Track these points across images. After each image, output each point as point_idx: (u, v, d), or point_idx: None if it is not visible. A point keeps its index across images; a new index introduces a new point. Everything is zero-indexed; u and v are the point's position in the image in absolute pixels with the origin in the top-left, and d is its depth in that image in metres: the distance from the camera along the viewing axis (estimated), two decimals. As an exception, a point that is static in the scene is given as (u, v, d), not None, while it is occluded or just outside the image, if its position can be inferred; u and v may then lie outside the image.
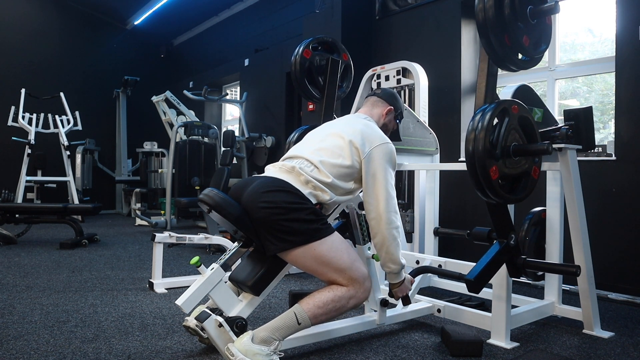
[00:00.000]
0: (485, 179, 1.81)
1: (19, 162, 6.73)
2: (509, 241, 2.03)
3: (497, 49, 1.90)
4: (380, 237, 1.89)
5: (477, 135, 1.80)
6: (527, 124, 1.96)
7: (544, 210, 2.58)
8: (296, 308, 1.77)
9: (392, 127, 2.25)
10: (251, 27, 7.51)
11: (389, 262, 1.93)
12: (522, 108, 1.94)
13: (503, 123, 1.87)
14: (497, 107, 1.86)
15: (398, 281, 2.00)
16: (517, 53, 1.97)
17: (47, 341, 2.10)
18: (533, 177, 1.99)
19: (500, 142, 1.84)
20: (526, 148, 1.92)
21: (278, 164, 2.01)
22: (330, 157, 1.92)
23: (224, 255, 1.95)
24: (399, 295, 2.04)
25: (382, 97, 2.22)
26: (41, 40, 8.37)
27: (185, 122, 6.50)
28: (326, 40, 3.14)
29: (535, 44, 2.02)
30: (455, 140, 4.10)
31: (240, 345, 1.66)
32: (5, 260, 4.01)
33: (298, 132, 3.00)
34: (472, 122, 1.84)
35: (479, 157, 1.79)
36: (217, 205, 1.81)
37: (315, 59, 3.05)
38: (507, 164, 1.88)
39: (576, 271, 2.02)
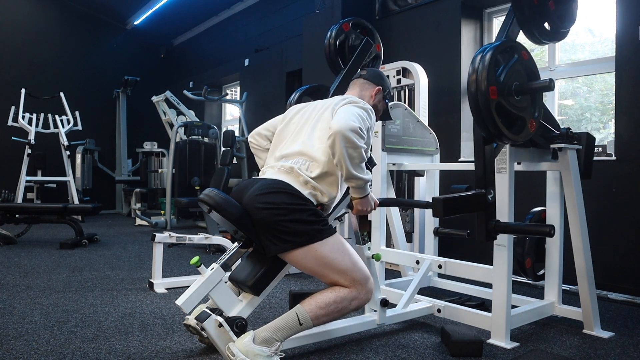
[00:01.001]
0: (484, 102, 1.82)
1: (19, 162, 6.73)
2: (487, 193, 2.02)
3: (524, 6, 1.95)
4: (338, 156, 1.79)
5: (484, 55, 1.84)
6: (532, 74, 1.98)
7: (544, 210, 2.58)
8: (298, 309, 1.77)
9: (382, 107, 2.25)
10: (251, 27, 7.51)
11: (350, 178, 1.84)
12: (530, 58, 1.98)
13: (510, 60, 1.90)
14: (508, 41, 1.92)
15: (360, 195, 1.93)
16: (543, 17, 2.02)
17: (47, 341, 2.10)
18: (529, 127, 1.99)
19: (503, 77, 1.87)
20: (528, 85, 1.93)
21: (277, 164, 1.99)
22: (321, 142, 1.92)
23: (224, 255, 1.95)
24: (359, 208, 1.96)
25: (369, 79, 2.21)
26: (41, 40, 8.37)
27: (185, 122, 6.50)
28: (366, 25, 3.18)
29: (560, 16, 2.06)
30: (455, 140, 4.10)
31: (241, 345, 1.66)
32: (5, 260, 4.01)
33: (298, 92, 3.02)
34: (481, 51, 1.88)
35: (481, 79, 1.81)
36: (218, 205, 1.82)
37: (351, 35, 3.08)
38: (507, 101, 1.90)
39: (550, 231, 1.95)
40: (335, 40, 3.04)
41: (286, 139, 2.08)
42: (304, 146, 1.95)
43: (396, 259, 3.03)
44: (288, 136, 2.08)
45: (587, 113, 3.83)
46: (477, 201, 2.00)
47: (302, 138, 2.00)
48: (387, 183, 3.04)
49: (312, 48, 5.04)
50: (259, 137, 2.26)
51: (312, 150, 1.92)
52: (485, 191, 2.01)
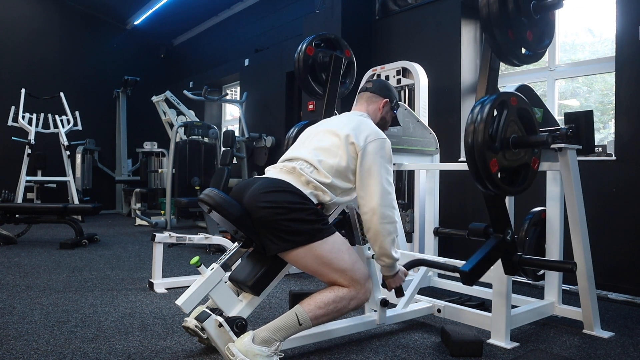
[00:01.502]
0: (485, 171, 1.81)
1: (19, 162, 6.73)
2: (505, 236, 2.03)
3: (500, 43, 1.90)
4: (373, 232, 1.87)
5: (476, 127, 1.80)
6: (526, 116, 1.96)
7: (544, 210, 2.58)
8: (297, 309, 1.77)
9: (390, 118, 2.25)
10: (251, 27, 7.51)
11: (382, 256, 1.91)
12: (520, 100, 1.94)
13: (502, 115, 1.87)
14: (496, 99, 1.86)
15: (391, 274, 1.99)
16: (521, 48, 1.98)
17: (47, 341, 2.10)
18: (533, 168, 1.98)
19: (499, 134, 1.84)
20: (525, 140, 1.91)
21: (278, 165, 2.01)
22: (328, 157, 1.92)
23: (224, 255, 1.95)
24: (392, 286, 2.03)
25: (375, 91, 2.20)
26: (41, 40, 8.37)
27: (185, 122, 6.50)
28: (329, 37, 3.14)
29: (539, 39, 2.02)
30: (455, 140, 4.10)
31: (241, 345, 1.66)
32: (5, 260, 4.01)
33: (297, 127, 3.00)
34: (471, 114, 1.84)
35: (478, 149, 1.79)
36: (218, 205, 1.81)
37: (318, 56, 3.05)
38: (506, 156, 1.88)
39: (572, 267, 1.99)
40: (304, 65, 3.01)
41: (292, 147, 2.11)
42: (310, 155, 1.95)
43: (396, 259, 3.02)
44: (294, 145, 2.11)
45: (587, 113, 3.83)
46: (499, 250, 2.03)
47: (309, 147, 2.01)
48: (387, 183, 3.03)
49: (312, 48, 5.04)
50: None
51: (316, 162, 1.92)
52: (503, 235, 2.03)
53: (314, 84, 3.09)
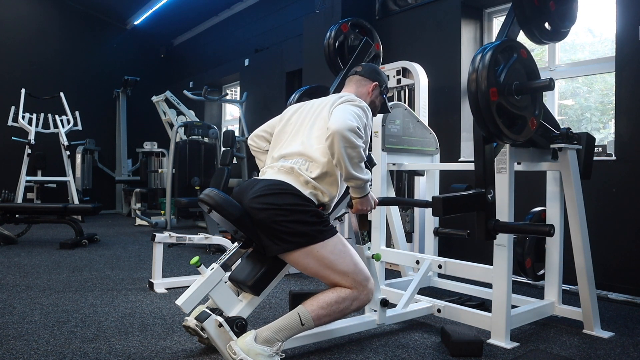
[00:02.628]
0: (485, 102, 1.82)
1: (19, 162, 6.73)
2: (487, 193, 2.02)
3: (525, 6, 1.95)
4: (336, 157, 1.79)
5: (484, 54, 1.84)
6: (532, 73, 1.98)
7: (544, 210, 2.58)
8: (300, 309, 1.77)
9: (379, 103, 2.24)
10: (251, 27, 7.51)
11: (349, 179, 1.84)
12: (530, 56, 1.98)
13: (509, 60, 1.90)
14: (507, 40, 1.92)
15: (360, 195, 1.93)
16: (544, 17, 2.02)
17: (47, 341, 2.10)
18: (530, 126, 1.99)
19: (503, 77, 1.87)
20: (528, 85, 1.93)
21: (276, 165, 1.99)
22: (320, 142, 1.92)
23: (224, 255, 1.95)
24: (358, 207, 1.96)
25: (365, 75, 2.20)
26: (41, 40, 8.37)
27: (185, 122, 6.50)
28: (365, 25, 3.19)
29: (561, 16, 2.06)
30: (455, 140, 4.10)
31: (243, 344, 1.66)
32: (5, 260, 4.01)
33: (298, 93, 3.02)
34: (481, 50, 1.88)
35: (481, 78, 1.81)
36: (218, 205, 1.81)
37: (350, 36, 3.09)
38: (508, 100, 1.90)
39: (549, 230, 1.94)
40: (334, 41, 3.05)
41: (284, 139, 2.07)
42: (303, 146, 1.95)
43: (396, 259, 3.03)
44: (286, 136, 2.08)
45: (587, 113, 3.83)
46: (476, 201, 2.00)
47: (300, 138, 2.00)
48: (387, 183, 3.04)
49: (312, 48, 5.04)
50: (258, 139, 2.26)
51: (311, 151, 1.92)
52: (485, 191, 2.01)
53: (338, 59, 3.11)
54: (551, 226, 1.94)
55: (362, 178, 1.85)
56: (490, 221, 2.03)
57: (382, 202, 2.38)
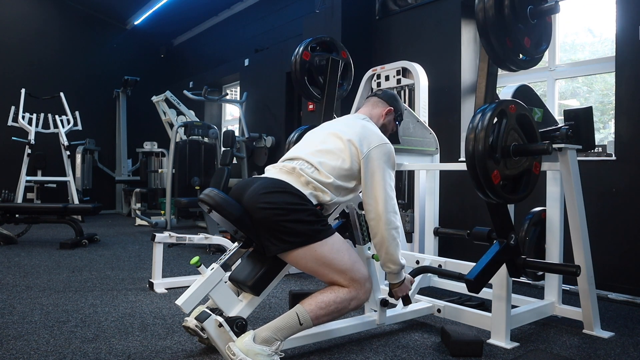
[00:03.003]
0: (487, 182, 1.81)
1: (19, 162, 6.73)
2: (509, 241, 2.03)
3: (497, 50, 1.90)
4: (379, 237, 1.89)
5: (477, 135, 1.80)
6: (526, 122, 1.96)
7: (544, 210, 2.58)
8: (298, 308, 1.77)
9: (391, 128, 2.25)
10: (251, 27, 7.51)
11: (389, 262, 1.93)
12: (519, 107, 1.94)
13: (502, 124, 1.87)
14: (496, 108, 1.85)
15: (398, 281, 2.00)
16: (518, 54, 1.97)
17: (47, 341, 2.10)
18: (534, 173, 1.99)
19: (500, 143, 1.84)
20: (526, 148, 1.92)
21: (278, 165, 2.01)
22: (330, 159, 1.92)
23: (224, 255, 1.95)
24: (399, 295, 2.04)
25: (383, 98, 2.22)
26: (41, 40, 8.37)
27: (185, 122, 6.50)
28: (324, 40, 3.14)
29: (536, 44, 2.02)
30: (455, 140, 4.10)
31: (242, 344, 1.66)
32: (5, 260, 4.01)
33: (298, 132, 3.00)
34: (471, 123, 1.84)
35: (479, 158, 1.79)
36: (218, 205, 1.82)
37: (314, 59, 3.05)
38: (507, 165, 1.88)
39: (576, 271, 2.02)
40: (301, 69, 3.03)
41: (294, 148, 2.11)
42: (311, 156, 1.95)
43: (396, 259, 3.02)
44: (295, 146, 2.11)
45: (587, 113, 3.83)
46: (503, 257, 2.03)
47: (309, 149, 2.01)
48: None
49: (312, 48, 5.04)
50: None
51: (320, 165, 1.92)
52: (507, 240, 2.03)
53: (311, 88, 3.10)
54: (578, 267, 2.03)
55: (400, 263, 1.94)
56: (518, 259, 2.07)
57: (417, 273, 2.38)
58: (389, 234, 1.87)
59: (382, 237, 1.88)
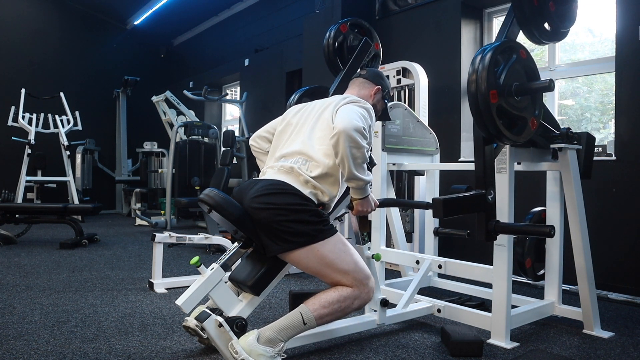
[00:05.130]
0: (485, 104, 1.82)
1: (19, 162, 6.73)
2: (487, 194, 2.02)
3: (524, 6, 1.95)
4: (339, 156, 1.78)
5: (484, 55, 1.84)
6: (532, 73, 1.98)
7: (544, 210, 2.58)
8: (302, 308, 1.77)
9: (380, 107, 2.24)
10: (251, 27, 7.51)
11: (351, 179, 1.84)
12: (529, 57, 1.98)
13: (509, 61, 1.90)
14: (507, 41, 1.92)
15: (360, 196, 1.93)
16: (543, 18, 2.03)
17: (47, 341, 2.10)
18: (530, 126, 1.99)
19: (503, 78, 1.87)
20: (528, 86, 1.93)
21: (277, 165, 1.99)
22: (322, 144, 1.92)
23: (224, 255, 1.95)
24: (359, 209, 1.96)
25: (369, 78, 2.21)
26: (41, 40, 8.37)
27: (185, 122, 6.50)
28: (364, 24, 3.18)
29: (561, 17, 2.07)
30: (455, 140, 4.10)
31: (245, 344, 1.66)
32: (5, 260, 4.01)
33: (298, 93, 3.02)
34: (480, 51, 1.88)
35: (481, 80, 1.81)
36: (218, 205, 1.82)
37: (349, 36, 3.09)
38: (508, 102, 1.90)
39: (550, 231, 1.94)
40: (333, 41, 3.04)
41: (285, 140, 2.07)
42: (303, 146, 1.95)
43: (396, 259, 3.03)
44: (286, 136, 2.08)
45: (587, 113, 3.83)
46: (477, 202, 2.00)
47: (301, 138, 2.00)
48: (387, 183, 3.04)
49: (312, 48, 5.04)
50: (260, 140, 2.26)
51: (312, 151, 1.92)
52: (485, 191, 2.01)
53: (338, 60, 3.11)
54: (551, 227, 1.95)
55: (364, 179, 1.86)
56: (490, 222, 2.03)
57: (383, 203, 2.38)
58: (350, 151, 1.76)
59: (342, 155, 1.77)
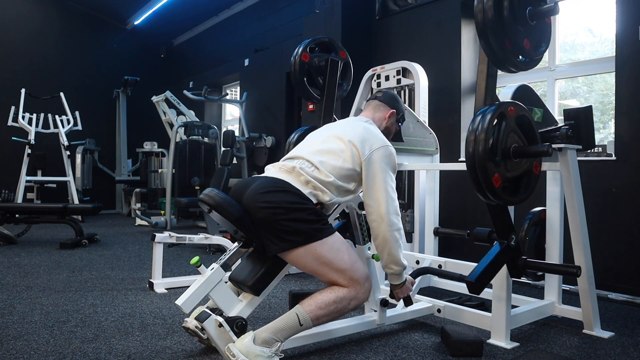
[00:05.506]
0: (488, 184, 1.81)
1: (19, 162, 6.73)
2: (509, 242, 2.03)
3: (497, 51, 1.89)
4: (381, 239, 1.89)
5: (477, 137, 1.80)
6: (526, 124, 1.96)
7: (544, 210, 2.58)
8: (298, 309, 1.77)
9: (394, 130, 2.25)
10: (251, 27, 7.51)
11: (391, 263, 1.93)
12: (518, 108, 1.93)
13: (501, 126, 1.86)
14: (496, 110, 1.85)
15: (400, 282, 2.01)
16: (518, 55, 1.97)
17: (47, 341, 2.10)
18: (535, 173, 1.99)
19: (500, 146, 1.84)
20: (526, 150, 1.91)
21: (278, 164, 2.01)
22: (331, 159, 1.92)
23: (224, 255, 1.95)
24: (400, 296, 2.05)
25: (384, 101, 2.22)
26: (41, 40, 8.37)
27: (185, 122, 6.50)
28: (323, 40, 3.14)
29: (536, 46, 2.01)
30: (455, 140, 4.10)
31: (242, 345, 1.66)
32: (5, 260, 4.01)
33: (298, 132, 3.00)
34: (471, 125, 1.84)
35: (479, 161, 1.79)
36: (218, 205, 1.82)
37: (314, 60, 3.05)
38: (508, 167, 1.88)
39: (577, 272, 2.02)
40: (300, 72, 3.03)
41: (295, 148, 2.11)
42: (313, 155, 1.96)
43: (396, 259, 3.02)
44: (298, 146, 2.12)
45: (587, 113, 3.83)
46: (503, 258, 2.04)
47: (311, 148, 2.01)
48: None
49: (312, 48, 5.04)
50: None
51: (321, 165, 1.92)
52: (508, 241, 2.04)
53: (310, 89, 3.09)
54: (578, 267, 2.05)
55: (403, 264, 1.95)
56: (519, 260, 2.07)
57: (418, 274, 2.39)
58: (392, 235, 1.88)
59: (385, 239, 1.89)
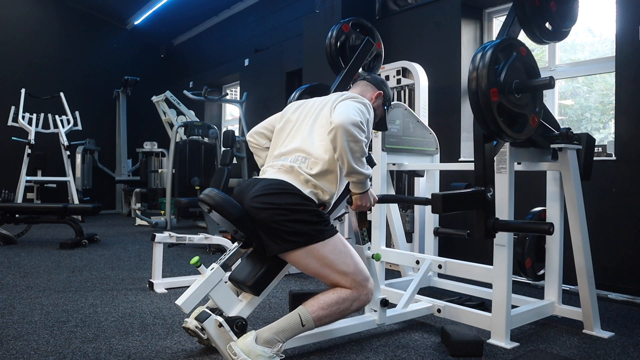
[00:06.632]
0: (485, 101, 1.82)
1: (19, 162, 6.73)
2: (486, 191, 2.02)
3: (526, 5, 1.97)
4: (338, 150, 1.79)
5: (485, 53, 1.84)
6: (532, 70, 1.99)
7: (544, 210, 2.58)
8: (300, 310, 1.77)
9: (380, 114, 2.24)
10: (251, 27, 7.51)
11: (351, 173, 1.84)
12: (529, 54, 1.99)
13: (509, 58, 1.91)
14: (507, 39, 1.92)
15: (360, 191, 1.93)
16: (545, 17, 2.04)
17: (47, 341, 2.10)
18: (531, 124, 1.99)
19: (503, 75, 1.87)
20: (528, 83, 1.94)
21: (276, 163, 1.99)
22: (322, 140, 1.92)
23: (224, 255, 1.95)
24: (358, 204, 1.96)
25: (372, 82, 2.21)
26: (41, 40, 8.37)
27: (185, 122, 6.50)
28: (366, 24, 3.19)
29: (562, 16, 2.10)
30: (455, 140, 4.10)
31: (243, 345, 1.66)
32: (5, 260, 4.01)
33: (299, 91, 3.03)
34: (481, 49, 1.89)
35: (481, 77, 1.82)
36: (218, 205, 1.82)
37: (351, 36, 3.09)
38: (508, 100, 1.90)
39: (549, 228, 1.93)
40: (335, 41, 3.05)
41: (284, 137, 2.07)
42: (303, 143, 1.95)
43: (396, 259, 3.03)
44: (286, 134, 2.08)
45: (587, 113, 3.83)
46: (476, 198, 2.01)
47: (300, 135, 2.00)
48: (387, 183, 3.04)
49: (312, 48, 5.04)
50: (258, 136, 2.25)
51: (312, 148, 1.92)
52: (485, 189, 2.01)
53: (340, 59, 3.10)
54: (550, 224, 1.94)
55: (364, 173, 1.85)
56: (489, 219, 2.03)
57: (382, 199, 2.39)
58: (347, 145, 1.76)
59: (341, 149, 1.77)
